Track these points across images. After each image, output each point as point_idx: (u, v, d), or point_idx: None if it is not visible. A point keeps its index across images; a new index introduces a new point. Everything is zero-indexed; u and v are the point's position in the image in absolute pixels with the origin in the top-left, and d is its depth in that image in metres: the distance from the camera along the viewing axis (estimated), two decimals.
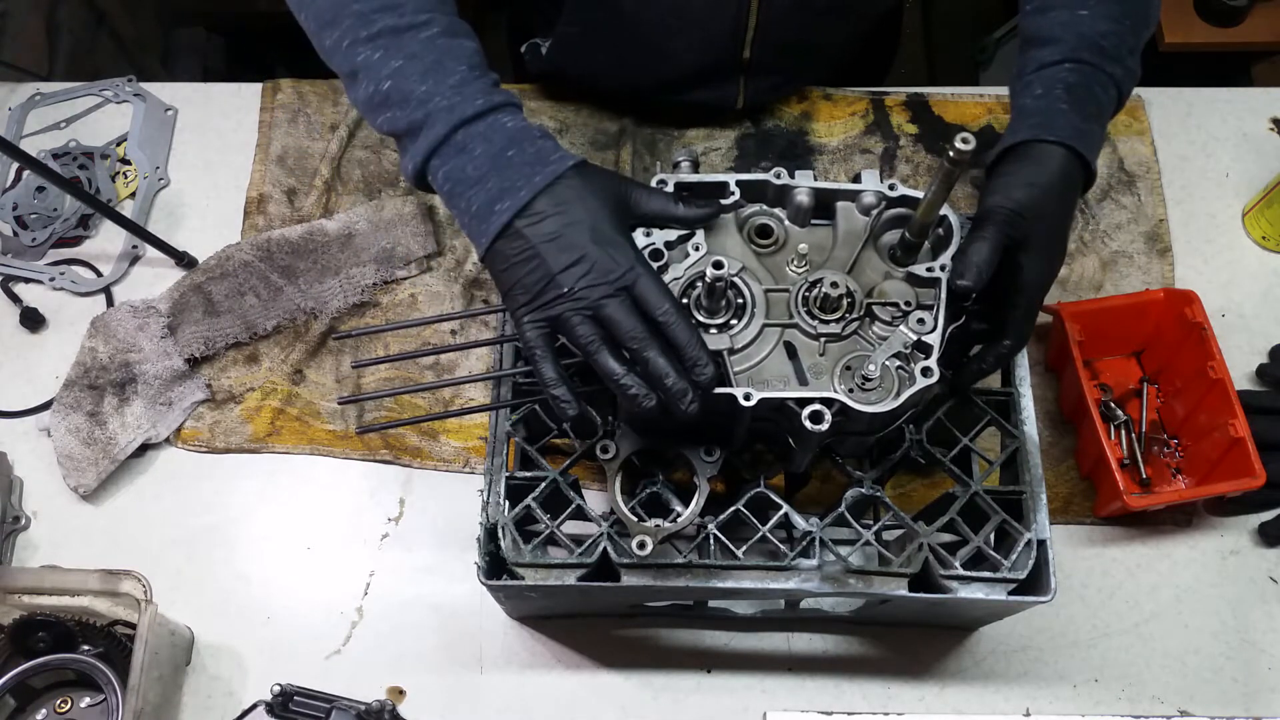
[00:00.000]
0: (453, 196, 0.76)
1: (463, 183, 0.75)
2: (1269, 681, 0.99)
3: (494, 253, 0.74)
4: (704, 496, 0.82)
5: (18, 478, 1.06)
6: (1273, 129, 1.23)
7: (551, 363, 0.74)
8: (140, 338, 1.06)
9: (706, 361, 0.72)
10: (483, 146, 0.75)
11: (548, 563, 0.82)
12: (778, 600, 0.94)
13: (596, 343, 0.72)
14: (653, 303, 0.72)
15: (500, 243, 0.73)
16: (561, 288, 0.72)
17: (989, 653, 1.00)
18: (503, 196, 0.73)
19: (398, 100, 0.76)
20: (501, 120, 0.76)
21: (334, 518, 1.06)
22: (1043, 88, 0.82)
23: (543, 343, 0.74)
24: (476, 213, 0.74)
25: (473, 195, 0.74)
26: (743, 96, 1.15)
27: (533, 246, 0.72)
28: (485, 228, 0.74)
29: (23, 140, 1.22)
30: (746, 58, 1.09)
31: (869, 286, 0.79)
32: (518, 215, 0.73)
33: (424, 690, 0.99)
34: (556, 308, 0.72)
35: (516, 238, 0.73)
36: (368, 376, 1.11)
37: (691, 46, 1.07)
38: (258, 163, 1.20)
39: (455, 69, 0.76)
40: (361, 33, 0.77)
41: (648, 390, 0.72)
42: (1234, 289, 1.14)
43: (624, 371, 0.72)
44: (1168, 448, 1.06)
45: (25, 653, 0.93)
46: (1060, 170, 0.80)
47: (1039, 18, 0.85)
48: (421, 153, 0.76)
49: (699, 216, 0.79)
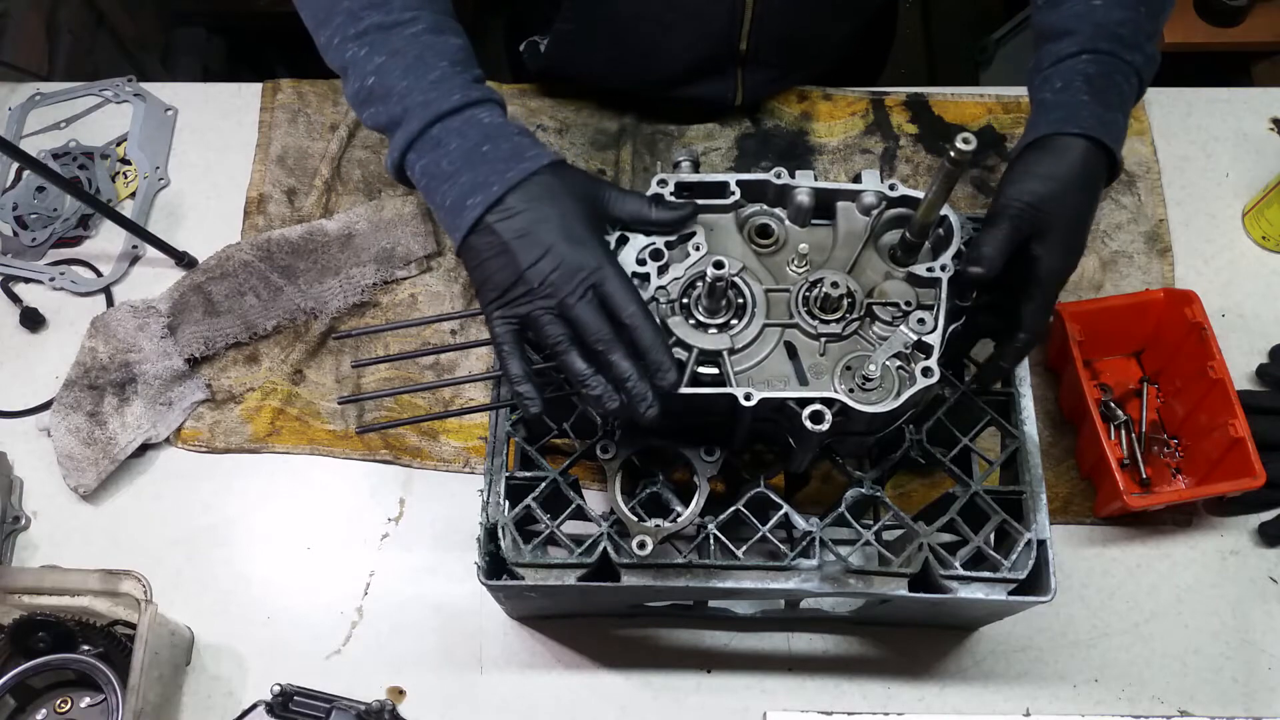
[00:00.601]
0: (429, 191, 0.77)
1: (438, 177, 0.75)
2: (1269, 681, 0.99)
3: (467, 247, 0.74)
4: (704, 496, 0.82)
5: (18, 478, 1.06)
6: (1273, 129, 1.23)
7: (518, 359, 0.74)
8: (140, 338, 1.06)
9: (669, 366, 0.71)
10: (457, 141, 0.75)
11: (548, 563, 0.82)
12: (778, 600, 0.94)
13: (565, 343, 0.72)
14: (619, 303, 0.71)
15: (473, 237, 0.74)
16: (530, 284, 0.71)
17: (989, 653, 1.00)
18: (475, 191, 0.73)
19: (380, 96, 0.77)
20: (478, 116, 0.76)
21: (334, 518, 1.06)
22: (1062, 80, 0.81)
23: (510, 339, 0.74)
24: (450, 207, 0.74)
25: (447, 190, 0.75)
26: (741, 91, 1.15)
27: (503, 242, 0.72)
28: (458, 222, 0.74)
29: (23, 140, 1.22)
30: (743, 50, 1.09)
31: (869, 286, 0.79)
32: (489, 210, 0.72)
33: (424, 690, 0.99)
34: (524, 305, 0.72)
35: (488, 233, 0.73)
36: (368, 376, 1.11)
37: (688, 40, 1.07)
38: (258, 163, 1.20)
39: (436, 65, 0.77)
40: (350, 30, 0.78)
41: (612, 393, 0.71)
42: (1234, 289, 1.14)
43: (590, 373, 0.71)
44: (1168, 448, 1.06)
45: (25, 653, 0.93)
46: (1081, 162, 0.79)
47: (1051, 12, 0.84)
48: (398, 147, 0.77)
49: (672, 219, 0.78)
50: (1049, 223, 0.78)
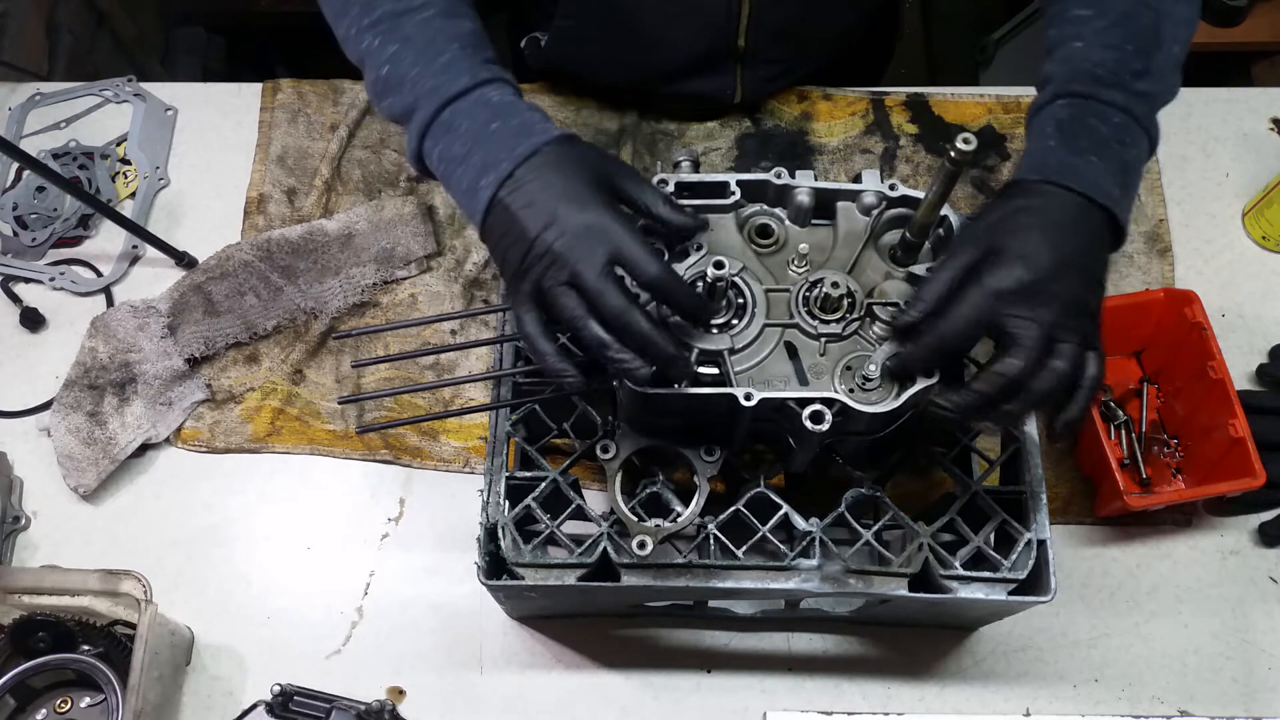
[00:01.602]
0: (446, 177, 0.76)
1: (452, 161, 0.75)
2: (1269, 681, 0.99)
3: (486, 230, 0.74)
4: (704, 496, 0.82)
5: (18, 478, 1.06)
6: (1273, 129, 1.23)
7: (547, 338, 0.72)
8: (140, 338, 1.06)
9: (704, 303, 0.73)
10: (468, 122, 0.74)
11: (548, 563, 0.82)
12: (778, 600, 0.94)
13: (582, 314, 0.70)
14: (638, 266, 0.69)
15: (489, 218, 0.73)
16: (539, 252, 0.70)
17: (989, 653, 1.00)
18: (486, 170, 0.72)
19: (394, 85, 0.77)
20: (487, 95, 0.75)
21: (334, 518, 1.06)
22: (1036, 129, 0.78)
23: (535, 320, 0.72)
24: (466, 190, 0.74)
25: (461, 173, 0.74)
26: (740, 88, 1.15)
27: (513, 215, 0.71)
28: (475, 205, 0.73)
29: (23, 140, 1.22)
30: (742, 46, 1.09)
31: (869, 286, 0.79)
32: (500, 186, 0.72)
33: (424, 690, 0.99)
34: (536, 275, 0.71)
35: (502, 210, 0.72)
36: (368, 376, 1.11)
37: (687, 34, 1.08)
38: (258, 163, 1.19)
39: (446, 48, 0.76)
40: (364, 20, 0.79)
41: (639, 361, 0.70)
42: (1234, 289, 1.14)
43: (613, 342, 0.70)
44: (1168, 448, 1.06)
45: (25, 653, 0.93)
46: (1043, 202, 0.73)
47: (1044, 63, 0.81)
48: (415, 136, 0.77)
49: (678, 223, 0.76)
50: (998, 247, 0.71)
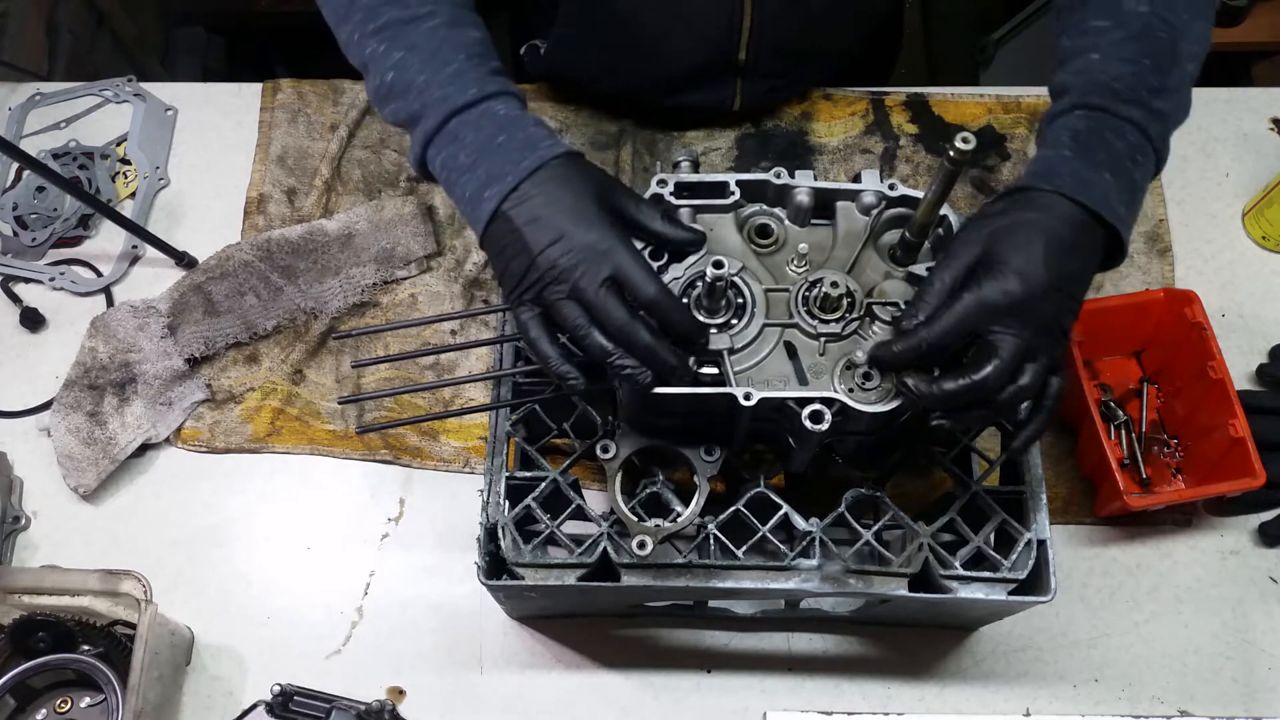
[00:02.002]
0: (449, 185, 0.77)
1: (456, 170, 0.76)
2: (1269, 681, 0.99)
3: (488, 239, 0.75)
4: (704, 496, 0.82)
5: (18, 478, 1.06)
6: (1273, 129, 1.23)
7: (549, 341, 0.74)
8: (140, 338, 1.06)
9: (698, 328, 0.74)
10: (473, 134, 0.75)
11: (548, 563, 0.82)
12: (778, 600, 0.94)
13: (584, 324, 0.71)
14: (637, 284, 0.71)
15: (492, 228, 0.74)
16: (543, 268, 0.72)
17: (989, 653, 1.00)
18: (490, 183, 0.73)
19: (400, 92, 0.78)
20: (494, 108, 0.76)
21: (334, 518, 1.06)
22: (1051, 137, 0.77)
23: (537, 324, 0.74)
24: (469, 199, 0.75)
25: (465, 182, 0.75)
26: (739, 99, 1.15)
27: (517, 229, 0.72)
28: (478, 214, 0.74)
29: (23, 140, 1.22)
30: (742, 60, 1.09)
31: (869, 286, 0.79)
32: (505, 199, 0.73)
33: (424, 690, 0.99)
34: (540, 289, 0.72)
35: (505, 222, 0.73)
36: (368, 376, 1.11)
37: (687, 46, 1.07)
38: (258, 163, 1.19)
39: (453, 58, 0.77)
40: (369, 26, 0.79)
41: (642, 368, 0.71)
42: (1234, 289, 1.14)
43: (616, 350, 0.71)
44: (1168, 448, 1.06)
45: (25, 653, 0.93)
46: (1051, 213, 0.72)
47: (1058, 72, 0.81)
48: (419, 143, 0.77)
49: (676, 239, 0.78)
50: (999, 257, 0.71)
